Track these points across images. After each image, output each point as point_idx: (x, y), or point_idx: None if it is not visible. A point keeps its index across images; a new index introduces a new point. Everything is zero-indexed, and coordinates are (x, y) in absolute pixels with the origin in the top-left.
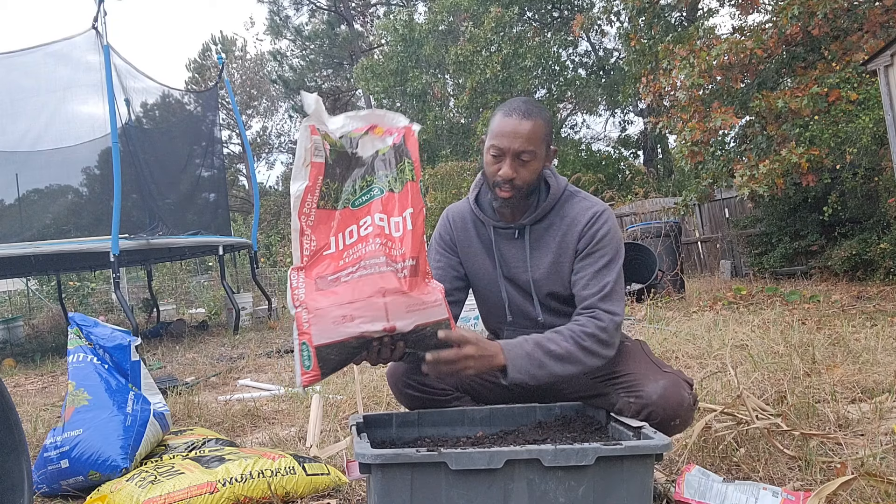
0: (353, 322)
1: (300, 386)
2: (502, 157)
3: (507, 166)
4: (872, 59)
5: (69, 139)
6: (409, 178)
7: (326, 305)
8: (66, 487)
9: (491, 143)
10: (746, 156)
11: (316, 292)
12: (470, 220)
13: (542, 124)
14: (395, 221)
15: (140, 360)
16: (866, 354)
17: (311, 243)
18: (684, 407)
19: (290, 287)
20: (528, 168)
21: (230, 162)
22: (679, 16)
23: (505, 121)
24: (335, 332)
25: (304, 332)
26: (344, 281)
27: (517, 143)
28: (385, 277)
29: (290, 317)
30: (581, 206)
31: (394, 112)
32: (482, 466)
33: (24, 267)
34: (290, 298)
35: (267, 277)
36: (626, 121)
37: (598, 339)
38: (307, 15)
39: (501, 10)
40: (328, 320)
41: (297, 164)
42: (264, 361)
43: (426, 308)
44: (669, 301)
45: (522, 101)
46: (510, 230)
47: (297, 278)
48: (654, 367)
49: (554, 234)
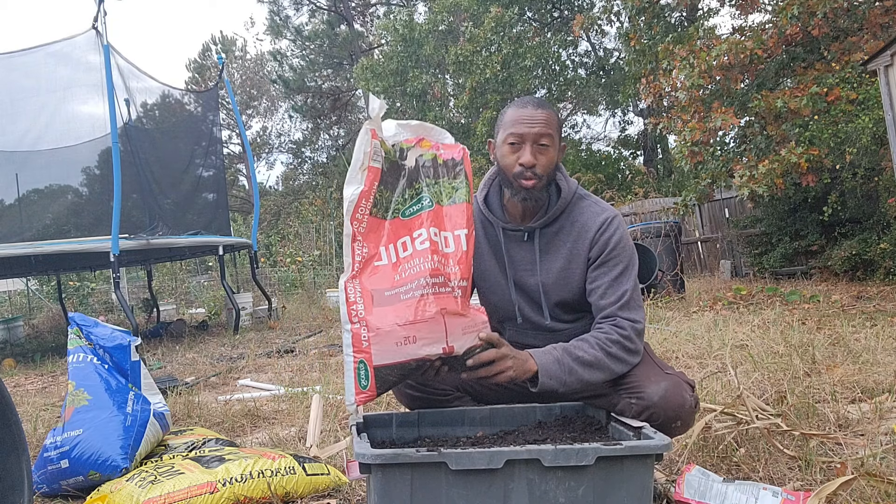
0: (415, 344)
1: (352, 404)
2: (521, 144)
3: (527, 152)
4: (872, 59)
5: (69, 139)
6: (464, 199)
7: (388, 325)
8: (66, 487)
9: (508, 133)
10: (746, 156)
11: (375, 308)
12: (478, 220)
13: (554, 115)
14: (445, 236)
15: (140, 360)
16: (866, 354)
17: (363, 250)
18: (686, 409)
19: (346, 301)
20: (547, 155)
21: (230, 162)
22: (679, 16)
23: (520, 111)
24: (397, 354)
25: (362, 351)
26: (404, 299)
27: (536, 127)
28: (445, 298)
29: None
30: (591, 212)
31: (439, 128)
32: (482, 466)
33: (24, 267)
34: (345, 313)
35: (267, 277)
36: (626, 121)
37: (623, 346)
38: (307, 15)
39: (501, 10)
40: (391, 341)
41: (353, 167)
42: (264, 361)
43: (478, 330)
44: (669, 301)
45: (532, 96)
46: (520, 233)
47: (354, 290)
48: (655, 369)
49: (564, 239)
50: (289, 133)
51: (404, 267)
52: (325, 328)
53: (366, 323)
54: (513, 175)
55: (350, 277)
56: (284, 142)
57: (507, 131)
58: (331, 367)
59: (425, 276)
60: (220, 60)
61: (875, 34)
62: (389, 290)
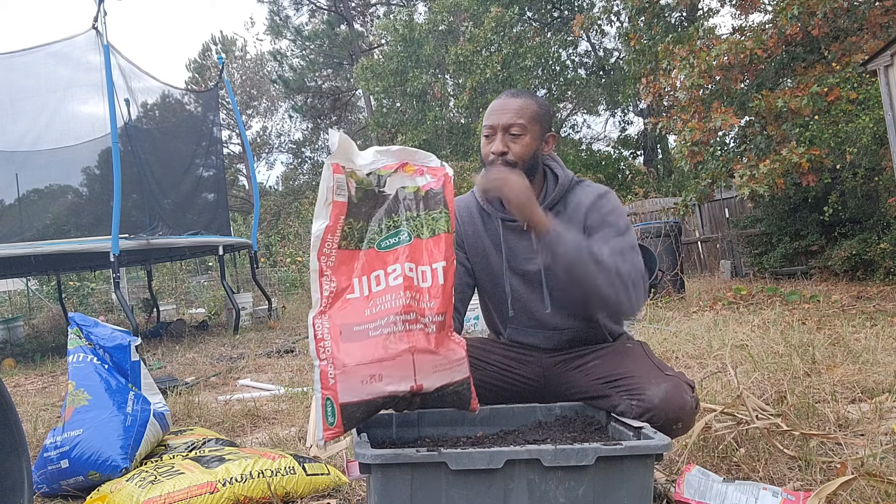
0: (381, 382)
1: (321, 440)
2: (493, 134)
3: (497, 141)
4: (872, 59)
5: (69, 139)
6: (444, 230)
7: (354, 363)
8: (66, 487)
9: (484, 125)
10: (746, 156)
11: (343, 344)
12: (476, 213)
13: (533, 103)
14: (422, 271)
15: (140, 360)
16: (866, 354)
17: (332, 285)
18: (686, 410)
19: (314, 337)
20: (520, 143)
21: (230, 162)
22: (679, 16)
23: (494, 102)
24: (363, 392)
25: (328, 388)
26: (373, 336)
27: (505, 116)
28: (415, 335)
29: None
30: (586, 191)
31: (424, 151)
32: (482, 466)
33: (24, 267)
34: (313, 349)
35: (267, 277)
36: (626, 121)
37: (631, 276)
38: (307, 15)
39: (501, 10)
40: (356, 378)
41: (318, 203)
42: (264, 361)
43: (451, 368)
44: (669, 301)
45: (514, 89)
46: (518, 222)
47: (322, 326)
48: (656, 370)
49: (561, 221)
50: (289, 133)
51: (375, 302)
52: None
53: (332, 360)
54: (488, 164)
55: (318, 313)
56: (284, 142)
57: (484, 123)
58: None
59: (396, 313)
60: (220, 60)
61: (875, 34)
62: (359, 325)
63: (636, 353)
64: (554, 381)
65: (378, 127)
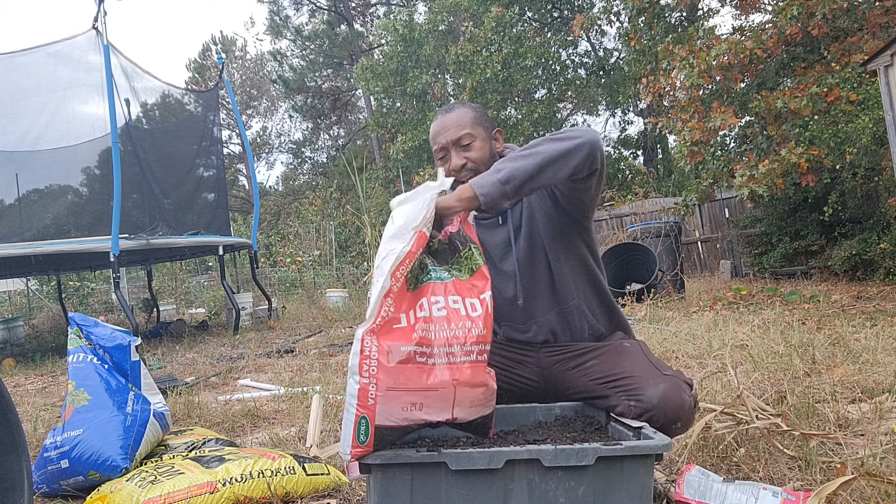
0: (420, 411)
1: (347, 454)
2: (447, 153)
3: (454, 157)
4: (872, 59)
5: (69, 139)
6: (480, 263)
7: (399, 388)
8: (66, 487)
9: (434, 149)
10: (746, 156)
11: (390, 367)
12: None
13: (468, 111)
14: (470, 302)
15: (140, 360)
16: (866, 354)
17: (390, 310)
18: (685, 410)
19: (360, 352)
20: (474, 149)
21: (230, 162)
22: (679, 16)
23: (435, 125)
24: (400, 417)
25: (366, 407)
26: (418, 362)
27: (449, 133)
28: (459, 368)
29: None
30: None
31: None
32: (482, 466)
33: (24, 267)
34: (356, 363)
35: (267, 277)
36: (626, 121)
37: (553, 136)
38: (307, 15)
39: (501, 10)
40: (397, 404)
41: (404, 223)
42: (264, 361)
43: (485, 402)
44: (669, 301)
45: (447, 105)
46: (493, 219)
47: (371, 344)
48: (653, 370)
49: (523, 207)
50: (289, 133)
51: (418, 331)
52: (325, 328)
53: (376, 381)
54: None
55: (369, 330)
56: (284, 142)
57: (433, 147)
58: (331, 367)
59: (441, 345)
60: (220, 60)
61: (875, 34)
62: (405, 346)
63: (634, 353)
64: (553, 382)
65: (378, 127)
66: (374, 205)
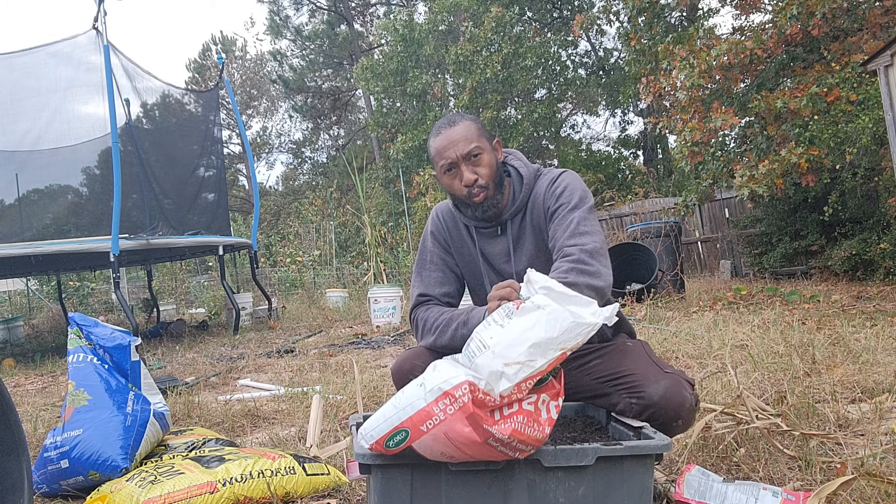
0: (449, 460)
1: (365, 444)
2: (456, 167)
3: (466, 171)
4: (872, 59)
5: (70, 139)
6: (559, 369)
7: (452, 440)
8: (66, 487)
9: (440, 164)
10: (746, 156)
11: (459, 424)
12: (457, 225)
13: (470, 123)
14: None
15: (140, 360)
16: (866, 354)
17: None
18: (686, 408)
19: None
20: (483, 163)
21: (230, 162)
22: (679, 16)
23: (439, 139)
24: (429, 453)
25: (415, 426)
26: (490, 445)
27: (460, 146)
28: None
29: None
30: (544, 181)
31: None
32: (482, 466)
33: (24, 267)
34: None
35: (267, 277)
36: (626, 121)
37: (577, 270)
38: (307, 15)
39: (501, 10)
40: (438, 448)
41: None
42: (264, 361)
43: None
44: (669, 301)
45: (445, 118)
46: (492, 228)
47: (464, 393)
48: (655, 368)
49: (528, 218)
50: (289, 133)
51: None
52: (325, 328)
53: (443, 420)
54: (464, 198)
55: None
56: (284, 142)
57: (439, 163)
58: (331, 367)
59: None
60: (220, 60)
61: (875, 34)
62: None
63: (636, 352)
64: None
65: (378, 127)
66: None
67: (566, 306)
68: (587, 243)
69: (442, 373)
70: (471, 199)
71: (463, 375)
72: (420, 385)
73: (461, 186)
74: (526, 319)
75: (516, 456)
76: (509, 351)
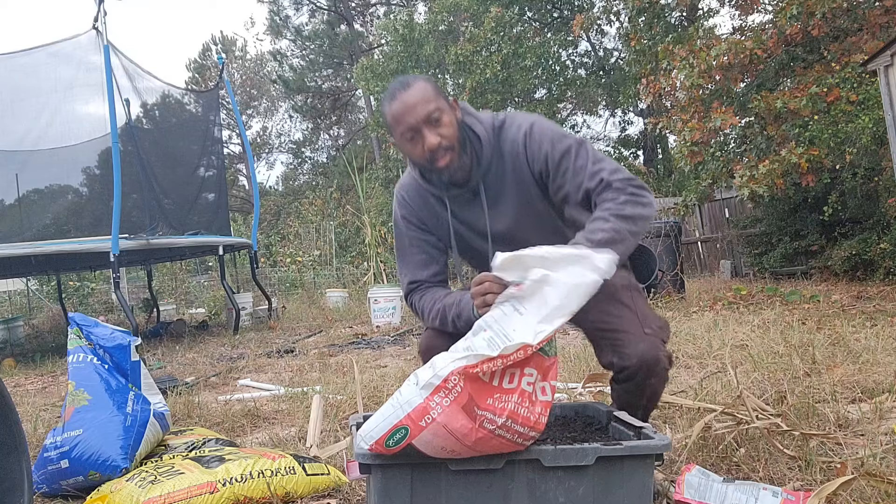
0: (449, 455)
1: (365, 445)
2: (418, 132)
3: (428, 135)
4: (872, 59)
5: (70, 139)
6: (555, 351)
7: (450, 432)
8: (66, 487)
9: (400, 132)
10: (746, 156)
11: (458, 415)
12: (434, 200)
13: (425, 83)
14: (542, 386)
15: (140, 360)
16: (866, 354)
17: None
18: (659, 368)
19: (444, 380)
20: (445, 125)
21: (230, 162)
22: (679, 16)
23: (395, 105)
24: (430, 450)
25: (413, 422)
26: (486, 428)
27: (418, 110)
28: (507, 445)
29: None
30: (512, 136)
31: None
32: (482, 466)
33: (24, 267)
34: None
35: (267, 277)
36: (626, 121)
37: (634, 202)
38: (307, 15)
39: (501, 10)
40: (439, 443)
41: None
42: (264, 361)
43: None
44: (669, 301)
45: (397, 83)
46: (465, 194)
47: (457, 381)
48: (637, 328)
49: (506, 178)
50: (289, 133)
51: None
52: (325, 328)
53: (440, 414)
54: (428, 163)
55: (464, 368)
56: (284, 142)
57: (398, 130)
58: (331, 367)
59: (513, 420)
60: (220, 60)
61: (875, 34)
62: (480, 409)
63: (625, 302)
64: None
65: (378, 127)
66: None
67: (568, 269)
68: (630, 176)
69: (434, 367)
70: (436, 163)
71: (451, 365)
72: (415, 383)
73: (425, 151)
74: (537, 299)
75: (516, 440)
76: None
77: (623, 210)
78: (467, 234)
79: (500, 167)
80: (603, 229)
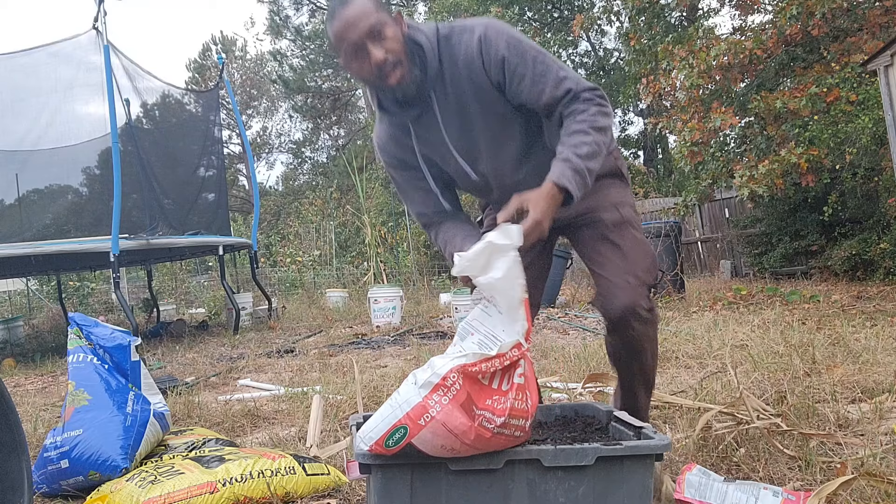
0: (448, 453)
1: (364, 446)
2: (362, 48)
3: (373, 50)
4: (872, 59)
5: (70, 139)
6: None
7: (449, 430)
8: (66, 487)
9: (345, 51)
10: (746, 156)
11: (456, 412)
12: (398, 131)
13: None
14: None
15: (140, 360)
16: (866, 354)
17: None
18: (640, 318)
19: (442, 378)
20: (389, 38)
21: (230, 162)
22: (679, 16)
23: (336, 23)
24: (430, 448)
25: (412, 421)
26: (485, 427)
27: (361, 25)
28: (507, 440)
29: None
30: (465, 42)
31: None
32: (482, 466)
33: (24, 267)
34: (429, 379)
35: (267, 277)
36: (627, 121)
37: (602, 112)
38: (307, 15)
39: (501, 10)
40: (439, 442)
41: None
42: (264, 361)
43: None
44: (669, 301)
45: (333, 2)
46: (427, 116)
47: (456, 379)
48: (622, 275)
49: (463, 86)
50: (289, 133)
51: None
52: (325, 328)
53: (439, 412)
54: (377, 79)
55: (463, 367)
56: (284, 142)
57: (342, 49)
58: (331, 367)
59: (512, 417)
60: (220, 60)
61: (875, 34)
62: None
63: (614, 241)
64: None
65: None
66: (374, 205)
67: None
68: (593, 86)
69: (433, 366)
70: (386, 79)
71: (450, 363)
72: (413, 382)
73: (373, 67)
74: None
75: (515, 434)
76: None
77: (597, 122)
78: (440, 153)
79: (455, 76)
80: (586, 143)
